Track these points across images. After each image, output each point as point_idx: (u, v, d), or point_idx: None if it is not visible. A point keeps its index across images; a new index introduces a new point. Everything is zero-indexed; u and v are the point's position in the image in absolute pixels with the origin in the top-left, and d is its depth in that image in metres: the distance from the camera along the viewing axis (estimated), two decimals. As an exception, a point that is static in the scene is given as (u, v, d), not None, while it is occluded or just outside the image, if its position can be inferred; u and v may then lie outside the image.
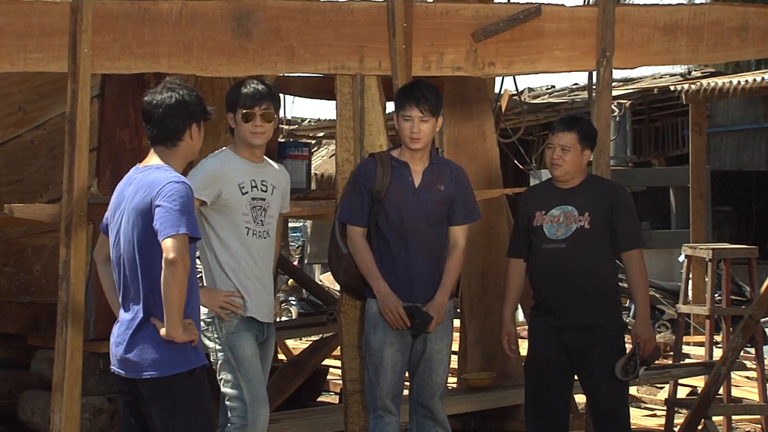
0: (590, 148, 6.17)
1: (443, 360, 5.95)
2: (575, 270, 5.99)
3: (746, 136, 17.54)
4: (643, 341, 6.01)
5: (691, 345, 11.91)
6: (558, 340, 6.04)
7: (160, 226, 4.68)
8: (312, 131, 20.30)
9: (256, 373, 5.50)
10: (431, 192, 5.92)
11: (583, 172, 6.18)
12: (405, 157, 5.94)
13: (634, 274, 6.10)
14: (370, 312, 5.91)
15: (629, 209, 6.14)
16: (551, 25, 6.62)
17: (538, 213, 6.12)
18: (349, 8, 6.28)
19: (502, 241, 8.06)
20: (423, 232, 5.89)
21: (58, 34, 5.68)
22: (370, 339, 5.90)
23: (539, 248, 6.09)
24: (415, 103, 5.84)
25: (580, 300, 6.00)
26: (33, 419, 7.10)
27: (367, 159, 6.08)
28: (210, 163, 5.57)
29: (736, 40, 6.93)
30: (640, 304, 6.11)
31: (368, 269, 5.88)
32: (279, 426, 6.65)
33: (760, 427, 8.75)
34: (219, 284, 5.53)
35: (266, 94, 5.61)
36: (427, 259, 5.90)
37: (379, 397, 5.86)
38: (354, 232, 5.94)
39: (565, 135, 6.09)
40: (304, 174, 8.78)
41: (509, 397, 7.75)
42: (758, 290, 8.12)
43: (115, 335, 4.90)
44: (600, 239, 6.04)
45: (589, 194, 6.10)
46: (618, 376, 5.96)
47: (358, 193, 5.93)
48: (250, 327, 5.55)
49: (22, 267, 7.44)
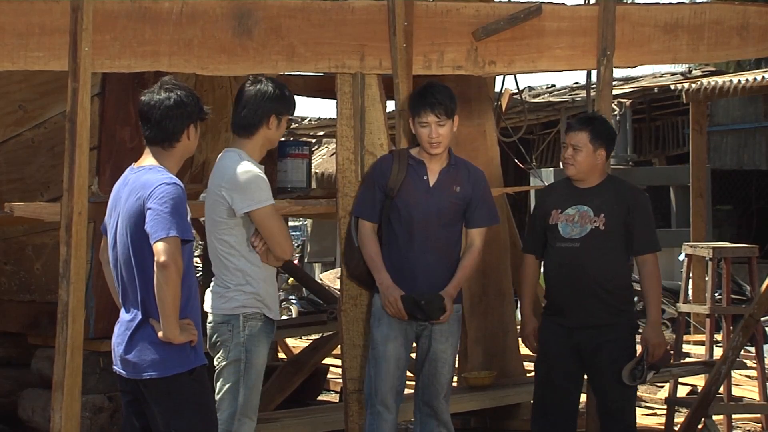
0: (604, 147, 6.10)
1: (448, 360, 5.94)
2: (588, 270, 5.98)
3: (746, 135, 17.54)
4: (653, 346, 6.00)
5: (692, 344, 11.91)
6: (569, 341, 6.03)
7: (151, 229, 4.67)
8: (312, 130, 20.30)
9: (258, 383, 5.46)
10: (446, 192, 5.92)
11: (601, 172, 6.14)
12: (423, 156, 5.96)
13: (648, 278, 6.08)
14: (375, 306, 5.94)
15: (646, 213, 6.13)
16: (552, 24, 6.62)
17: (554, 211, 6.11)
18: (350, 7, 6.28)
19: (502, 241, 8.07)
20: (433, 232, 5.90)
21: (59, 33, 5.67)
22: (373, 332, 5.92)
23: (554, 247, 6.09)
24: (431, 108, 5.86)
25: (591, 300, 6.00)
26: (33, 418, 7.11)
27: (385, 155, 6.12)
28: (260, 172, 5.45)
29: (737, 39, 6.93)
30: (652, 308, 6.08)
31: (373, 262, 5.91)
32: (279, 425, 6.66)
33: (760, 426, 8.75)
34: (257, 283, 5.43)
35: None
36: (435, 258, 5.90)
37: (380, 392, 5.85)
38: (364, 226, 5.98)
39: (577, 134, 6.08)
40: (304, 173, 8.78)
41: (509, 396, 7.76)
42: (758, 289, 8.11)
43: (116, 335, 4.90)
44: (614, 241, 6.02)
45: (606, 196, 6.07)
46: (625, 381, 5.95)
47: (371, 189, 5.98)
48: (269, 332, 5.50)
49: (23, 265, 7.44)
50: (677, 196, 17.35)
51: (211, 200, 5.47)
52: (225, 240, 5.43)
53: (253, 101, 5.50)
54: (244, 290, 5.42)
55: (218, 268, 5.48)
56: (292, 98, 5.62)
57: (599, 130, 6.10)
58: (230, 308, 5.41)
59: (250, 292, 5.42)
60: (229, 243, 5.42)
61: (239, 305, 5.41)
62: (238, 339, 5.40)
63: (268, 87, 5.52)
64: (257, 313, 5.43)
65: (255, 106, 5.49)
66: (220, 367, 5.43)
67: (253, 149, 5.51)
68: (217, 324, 5.44)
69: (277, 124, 5.53)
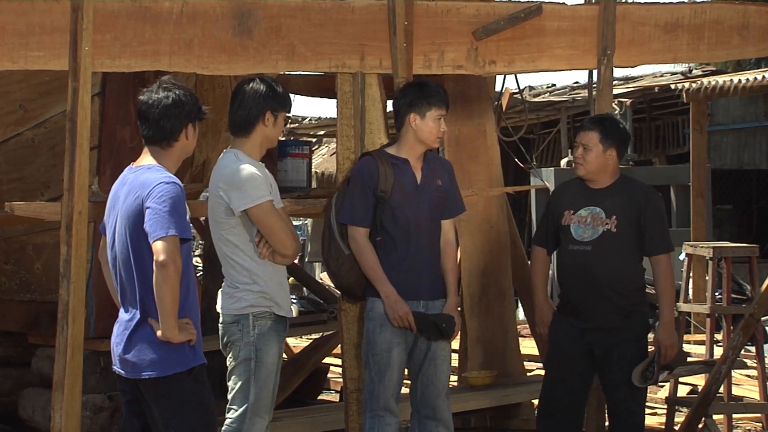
0: (615, 148, 6.08)
1: (446, 358, 5.95)
2: (600, 273, 5.98)
3: (747, 135, 17.53)
4: (665, 347, 6.00)
5: (692, 343, 11.90)
6: (581, 341, 6.04)
7: (150, 228, 4.67)
8: (313, 129, 20.29)
9: (269, 381, 5.42)
10: (432, 187, 5.94)
11: (614, 172, 6.13)
12: (404, 154, 5.94)
13: (661, 278, 6.09)
14: (376, 311, 5.87)
15: (659, 213, 6.13)
16: (552, 24, 6.62)
17: (567, 212, 6.11)
18: (350, 6, 6.28)
19: (502, 240, 8.07)
20: (427, 228, 5.91)
21: (59, 32, 5.68)
22: (376, 338, 5.85)
23: (566, 248, 6.09)
24: (444, 102, 5.94)
25: (604, 303, 6.00)
26: (34, 417, 7.11)
27: (366, 158, 6.01)
28: (256, 170, 5.45)
29: (737, 38, 6.93)
30: (665, 308, 6.07)
31: (375, 273, 5.83)
32: (279, 424, 6.65)
33: (760, 426, 8.75)
34: (265, 281, 5.43)
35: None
36: (429, 253, 5.91)
37: (383, 397, 5.83)
38: (358, 233, 5.87)
39: (587, 134, 6.08)
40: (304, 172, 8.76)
41: (510, 396, 7.75)
42: (759, 289, 8.11)
43: (115, 335, 4.90)
44: (626, 243, 6.02)
45: (619, 197, 6.07)
46: (635, 382, 5.94)
47: (363, 193, 5.87)
48: (281, 330, 5.49)
49: (23, 265, 7.44)
50: (677, 195, 17.34)
51: (212, 201, 5.48)
52: (229, 240, 5.43)
53: (247, 100, 5.50)
54: (251, 289, 5.42)
55: (226, 268, 5.49)
56: (286, 94, 5.61)
57: (610, 130, 6.09)
58: (239, 308, 5.40)
59: (257, 291, 5.42)
60: (233, 243, 5.42)
61: (248, 305, 5.41)
62: (248, 338, 5.39)
63: (260, 85, 5.52)
64: (267, 311, 5.43)
65: (249, 104, 5.49)
66: (231, 366, 5.42)
67: (252, 148, 5.51)
68: (228, 324, 5.43)
69: (274, 120, 5.52)
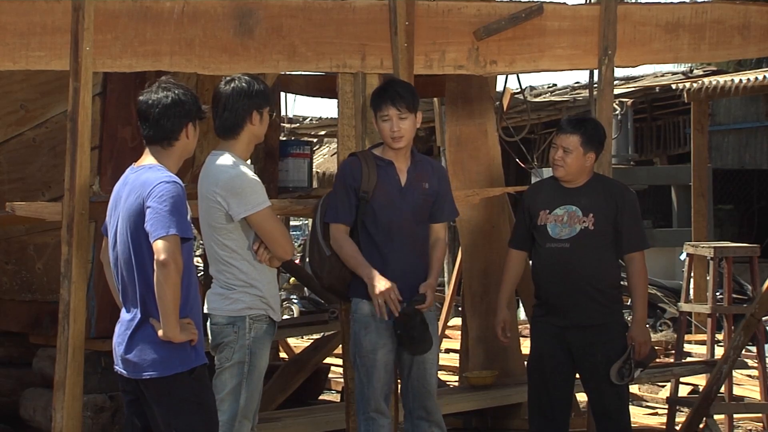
0: (594, 150, 6.11)
1: (433, 359, 5.90)
2: (578, 270, 5.99)
3: (748, 135, 17.54)
4: (639, 344, 6.03)
5: (693, 343, 11.90)
6: (561, 340, 6.04)
7: (151, 228, 4.67)
8: (314, 129, 20.29)
9: (259, 386, 5.43)
10: (417, 190, 5.89)
11: (589, 172, 6.15)
12: (389, 156, 5.89)
13: (635, 276, 6.10)
14: (360, 313, 5.82)
15: (634, 211, 6.13)
16: (553, 23, 6.62)
17: (542, 212, 6.11)
18: (351, 6, 6.28)
19: (503, 240, 8.05)
20: (410, 230, 5.85)
21: (60, 32, 5.68)
22: (361, 340, 5.81)
23: (543, 247, 6.09)
24: (391, 101, 5.80)
25: (582, 300, 6.00)
26: (35, 417, 7.11)
27: (350, 159, 5.98)
28: (254, 176, 5.45)
29: (738, 38, 6.94)
30: (638, 306, 6.10)
31: (355, 260, 5.76)
32: (280, 424, 6.67)
33: (761, 426, 8.75)
34: (261, 285, 5.40)
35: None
36: (412, 256, 5.85)
37: (373, 399, 5.78)
38: (337, 229, 5.82)
39: (568, 137, 6.08)
40: (305, 172, 8.79)
41: (511, 396, 7.76)
42: (760, 288, 8.12)
43: (116, 335, 4.90)
44: (604, 240, 6.04)
45: (595, 195, 6.08)
46: (613, 380, 5.97)
47: (345, 193, 5.83)
48: (272, 333, 5.47)
49: (24, 265, 7.44)
50: (678, 195, 17.36)
51: (206, 205, 5.41)
52: (226, 245, 5.39)
53: (231, 101, 5.43)
54: (249, 292, 5.38)
55: (220, 270, 5.43)
56: (267, 89, 5.55)
57: (590, 134, 6.10)
58: (236, 309, 5.36)
59: (255, 294, 5.39)
60: (230, 248, 5.39)
61: (245, 306, 5.37)
62: (244, 341, 5.35)
63: (242, 84, 5.45)
64: (263, 315, 5.40)
65: (235, 106, 5.43)
66: (223, 368, 5.37)
67: (241, 149, 5.47)
68: (222, 326, 5.38)
69: (260, 118, 5.48)
